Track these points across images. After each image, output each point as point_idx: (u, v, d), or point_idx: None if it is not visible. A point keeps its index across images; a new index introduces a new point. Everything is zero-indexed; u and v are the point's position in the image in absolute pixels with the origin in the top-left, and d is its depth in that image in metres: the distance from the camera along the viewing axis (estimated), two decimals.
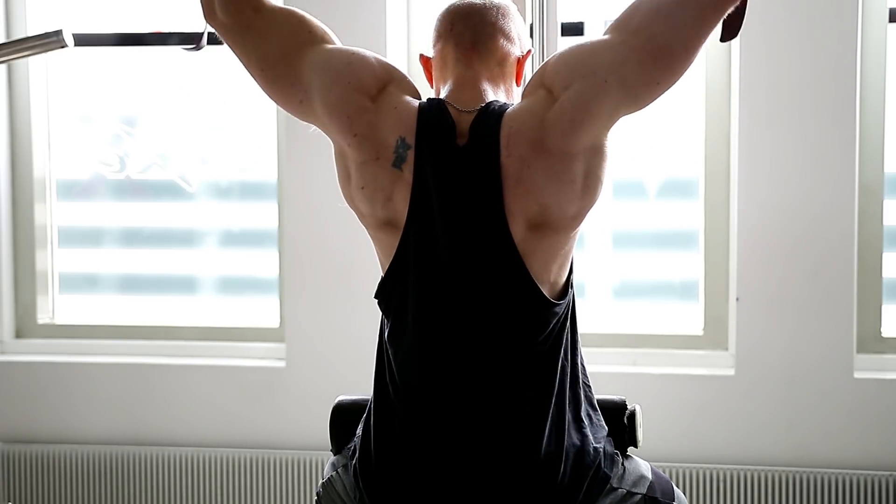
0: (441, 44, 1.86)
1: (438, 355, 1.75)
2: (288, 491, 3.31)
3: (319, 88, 1.80)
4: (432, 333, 1.75)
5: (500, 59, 1.84)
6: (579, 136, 1.71)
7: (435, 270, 1.74)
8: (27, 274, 3.58)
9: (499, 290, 1.73)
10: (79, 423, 3.44)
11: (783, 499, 3.07)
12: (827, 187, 3.05)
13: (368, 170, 1.75)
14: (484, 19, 1.83)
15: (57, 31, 2.23)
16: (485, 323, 1.74)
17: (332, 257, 3.25)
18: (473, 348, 1.74)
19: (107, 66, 3.58)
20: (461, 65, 1.82)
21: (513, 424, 1.74)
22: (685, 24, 1.69)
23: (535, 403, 1.74)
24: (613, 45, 1.72)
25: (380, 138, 1.75)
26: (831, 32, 3.01)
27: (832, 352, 3.07)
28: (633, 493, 1.81)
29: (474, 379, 1.75)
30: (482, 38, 1.83)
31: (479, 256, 1.73)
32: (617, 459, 1.83)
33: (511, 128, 1.72)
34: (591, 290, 3.40)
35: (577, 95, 1.70)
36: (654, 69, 1.70)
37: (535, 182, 1.70)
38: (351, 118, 1.76)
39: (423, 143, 1.73)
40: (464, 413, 1.75)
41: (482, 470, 1.74)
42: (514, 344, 1.74)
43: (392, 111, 1.76)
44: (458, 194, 1.72)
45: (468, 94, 1.80)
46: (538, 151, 1.70)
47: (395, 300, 1.79)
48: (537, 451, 1.73)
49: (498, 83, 1.84)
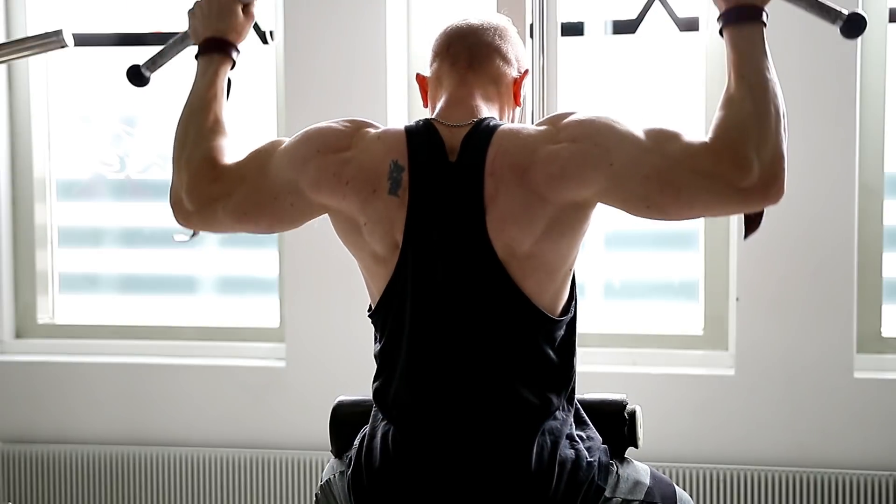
0: (437, 63, 1.86)
1: (432, 375, 1.74)
2: (288, 491, 3.31)
3: (297, 180, 1.78)
4: (427, 353, 1.74)
5: (496, 79, 1.83)
6: (560, 188, 1.68)
7: (432, 290, 1.73)
8: (27, 274, 3.58)
9: (493, 309, 1.72)
10: (79, 423, 3.44)
11: (783, 499, 3.08)
12: (827, 187, 3.04)
13: (369, 206, 1.74)
14: (481, 40, 1.83)
15: (57, 31, 2.23)
16: (480, 342, 1.73)
17: (332, 257, 3.23)
18: (468, 368, 1.73)
19: (107, 66, 3.58)
20: (455, 82, 1.82)
21: (505, 441, 1.73)
22: (705, 189, 1.62)
23: (529, 420, 1.74)
24: (639, 146, 1.66)
25: (372, 171, 1.73)
26: (831, 33, 3.01)
27: (832, 352, 3.07)
28: (629, 500, 1.80)
29: (468, 397, 1.73)
30: (478, 57, 1.82)
31: (472, 275, 1.71)
32: (611, 469, 1.81)
33: (500, 147, 1.71)
34: (591, 289, 3.40)
35: (579, 154, 1.67)
36: (655, 195, 1.65)
37: (506, 208, 1.69)
38: (337, 173, 1.75)
39: (416, 162, 1.73)
40: (456, 431, 1.74)
41: (474, 487, 1.72)
42: (511, 362, 1.73)
43: (376, 142, 1.76)
44: (450, 212, 1.71)
45: (460, 111, 1.79)
46: (518, 178, 1.68)
47: (390, 320, 1.78)
48: (528, 467, 1.71)
49: (492, 101, 1.82)
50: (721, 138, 1.61)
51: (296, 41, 3.25)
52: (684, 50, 3.27)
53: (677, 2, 3.24)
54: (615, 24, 3.33)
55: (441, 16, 1.94)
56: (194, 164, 1.88)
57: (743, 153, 1.59)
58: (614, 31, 3.34)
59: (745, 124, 1.61)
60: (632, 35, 3.30)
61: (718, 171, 1.60)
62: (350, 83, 3.21)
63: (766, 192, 1.61)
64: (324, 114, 2.02)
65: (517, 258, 1.70)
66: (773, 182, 1.60)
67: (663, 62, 3.30)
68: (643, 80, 3.32)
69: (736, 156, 1.59)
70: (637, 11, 3.27)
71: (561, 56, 2.20)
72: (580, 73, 3.30)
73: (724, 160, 1.60)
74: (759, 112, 1.62)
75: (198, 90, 1.96)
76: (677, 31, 3.25)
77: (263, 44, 3.42)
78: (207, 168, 1.87)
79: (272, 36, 3.39)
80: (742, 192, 1.60)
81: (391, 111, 3.19)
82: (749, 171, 1.59)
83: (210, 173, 1.86)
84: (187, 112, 1.95)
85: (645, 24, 3.27)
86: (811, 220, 3.05)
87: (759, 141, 1.60)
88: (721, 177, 1.60)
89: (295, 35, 3.25)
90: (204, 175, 1.87)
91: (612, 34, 3.34)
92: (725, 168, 1.60)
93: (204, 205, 1.87)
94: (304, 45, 3.24)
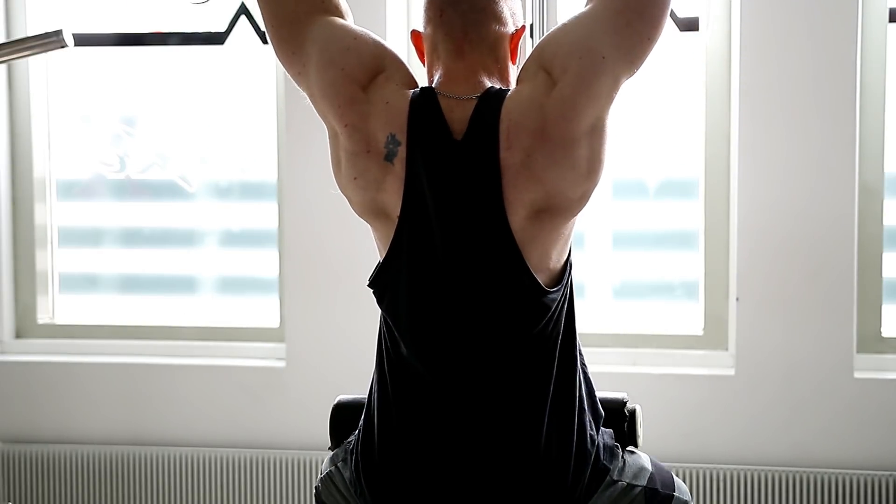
0: (431, 29, 1.82)
1: (433, 348, 1.75)
2: (288, 491, 3.31)
3: (316, 66, 1.79)
4: (426, 326, 1.75)
5: (493, 44, 1.80)
6: (581, 120, 1.69)
7: (430, 265, 1.73)
8: (27, 274, 3.58)
9: (495, 281, 1.72)
10: (79, 423, 3.44)
11: (783, 499, 3.08)
12: (827, 187, 3.05)
13: (360, 161, 1.74)
14: (474, 4, 1.79)
15: (57, 31, 2.23)
16: (480, 314, 1.73)
17: (332, 257, 3.25)
18: (469, 339, 1.74)
19: (107, 66, 3.58)
20: (452, 55, 1.79)
21: (511, 413, 1.74)
22: None
23: (533, 393, 1.74)
24: (599, 14, 1.72)
25: (370, 131, 1.74)
26: (831, 32, 3.01)
27: (832, 352, 3.07)
28: (634, 485, 1.81)
29: (470, 370, 1.74)
30: (473, 25, 1.78)
31: (476, 249, 1.72)
32: (617, 452, 1.83)
33: (511, 119, 1.71)
34: (592, 290, 3.40)
35: (577, 78, 1.69)
36: (643, 25, 1.72)
37: (537, 171, 1.69)
38: (342, 107, 1.75)
39: (415, 140, 1.72)
40: (461, 404, 1.75)
41: (481, 459, 1.74)
42: (511, 333, 1.74)
43: (383, 106, 1.74)
44: (454, 188, 1.71)
45: (462, 86, 1.77)
46: (540, 140, 1.69)
47: (388, 293, 1.79)
48: (537, 440, 1.72)
49: (492, 70, 1.80)
50: None
51: None
52: (684, 50, 3.27)
53: (677, 2, 3.24)
54: None
55: None
56: None
57: None
58: None
59: None
60: None
61: None
62: None
63: None
64: None
65: (539, 220, 1.71)
66: None
67: (663, 62, 3.30)
68: (643, 80, 3.31)
69: None
70: None
71: None
72: None
73: None
74: None
75: None
76: (677, 31, 3.25)
77: (264, 44, 3.41)
78: None
79: None
80: None
81: None
82: None
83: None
84: None
85: None
86: (811, 220, 3.05)
87: None
88: None
89: None
90: None
91: None
92: None
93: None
94: None
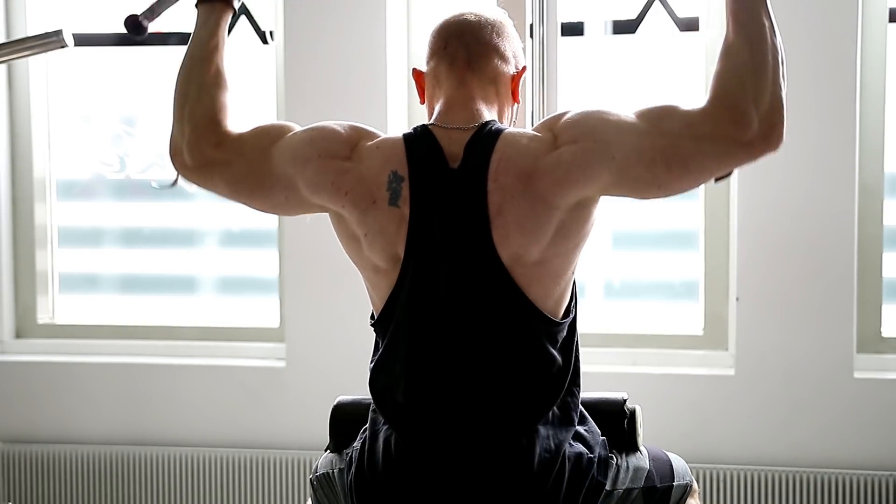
0: (434, 62, 1.84)
1: (436, 382, 1.73)
2: (288, 491, 3.31)
3: (295, 177, 1.78)
4: (431, 361, 1.74)
5: (494, 78, 1.82)
6: (567, 191, 1.68)
7: (435, 299, 1.72)
8: (27, 274, 3.58)
9: (499, 316, 1.71)
10: (79, 423, 3.44)
11: (782, 498, 3.07)
12: (827, 187, 3.04)
13: (369, 217, 1.73)
14: (478, 38, 1.81)
15: (57, 31, 2.24)
16: (485, 349, 1.72)
17: (332, 257, 3.22)
18: (474, 374, 1.73)
19: (107, 66, 3.58)
20: (454, 84, 1.80)
21: (508, 444, 1.73)
22: (712, 153, 1.64)
23: (531, 423, 1.74)
24: (637, 132, 1.67)
25: (371, 182, 1.73)
26: (831, 32, 3.01)
27: (832, 352, 3.07)
28: (631, 489, 1.82)
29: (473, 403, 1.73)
30: (476, 57, 1.81)
31: (477, 284, 1.71)
32: (611, 462, 1.82)
33: (504, 153, 1.70)
34: (592, 289, 3.40)
35: (581, 154, 1.68)
36: (663, 174, 1.66)
37: (513, 217, 1.68)
38: (335, 182, 1.74)
39: (416, 171, 1.72)
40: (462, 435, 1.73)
41: (478, 490, 1.72)
42: (516, 367, 1.73)
43: (375, 152, 1.75)
44: (453, 220, 1.71)
45: (461, 114, 1.78)
46: (524, 186, 1.68)
47: (391, 328, 1.77)
48: (530, 465, 1.72)
49: (492, 102, 1.81)
50: (718, 97, 1.64)
51: (295, 41, 3.25)
52: (684, 50, 3.27)
53: (677, 2, 3.24)
54: (615, 24, 3.33)
55: (440, 14, 1.91)
56: (196, 119, 1.87)
57: (741, 109, 1.62)
58: (614, 31, 3.34)
59: (742, 78, 1.63)
60: (632, 35, 3.29)
61: (719, 133, 1.62)
62: (350, 83, 3.21)
63: (768, 141, 1.63)
64: (324, 114, 2.02)
65: (524, 266, 1.70)
66: (773, 131, 1.63)
67: (663, 62, 3.30)
68: (643, 81, 3.32)
69: (734, 113, 1.62)
70: (637, 11, 3.27)
71: (561, 56, 2.20)
72: (580, 74, 3.30)
73: (724, 120, 1.62)
74: (756, 62, 1.64)
75: (200, 39, 1.92)
76: (677, 31, 3.25)
77: (263, 44, 3.42)
78: (210, 128, 1.85)
79: (272, 36, 3.39)
80: (745, 145, 1.63)
81: (391, 111, 3.19)
82: (749, 125, 1.62)
83: (212, 136, 1.85)
84: (189, 62, 1.92)
85: (645, 24, 3.27)
86: (811, 220, 3.05)
87: (756, 93, 1.62)
88: (723, 137, 1.63)
89: (295, 35, 3.25)
90: (206, 135, 1.85)
91: (612, 34, 3.34)
92: (726, 127, 1.62)
93: (203, 165, 1.86)
94: (303, 45, 3.24)
